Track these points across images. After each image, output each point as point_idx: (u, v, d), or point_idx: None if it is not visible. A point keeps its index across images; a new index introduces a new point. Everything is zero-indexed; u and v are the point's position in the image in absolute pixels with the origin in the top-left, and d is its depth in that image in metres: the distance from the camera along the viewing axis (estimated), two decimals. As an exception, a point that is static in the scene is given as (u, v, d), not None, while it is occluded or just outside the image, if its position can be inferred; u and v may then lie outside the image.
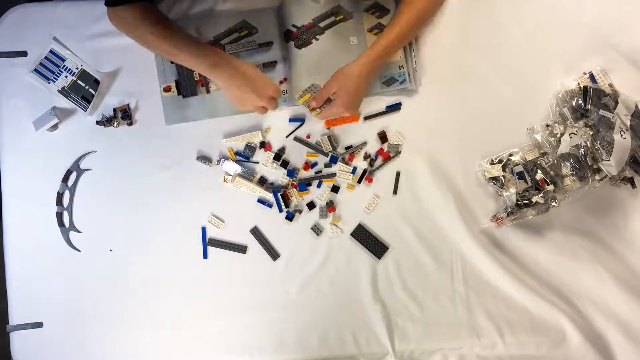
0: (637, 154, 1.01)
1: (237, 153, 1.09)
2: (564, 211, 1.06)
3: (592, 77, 1.06)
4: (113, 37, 1.07)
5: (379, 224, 1.09)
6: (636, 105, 1.02)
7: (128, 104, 1.10)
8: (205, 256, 1.10)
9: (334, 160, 1.08)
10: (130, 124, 1.10)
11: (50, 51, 1.09)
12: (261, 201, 1.09)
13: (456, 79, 1.09)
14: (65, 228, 1.10)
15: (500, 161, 1.07)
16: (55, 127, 1.09)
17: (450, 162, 1.09)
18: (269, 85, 0.98)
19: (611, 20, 1.08)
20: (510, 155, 1.07)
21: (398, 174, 1.08)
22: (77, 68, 1.09)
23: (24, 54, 1.10)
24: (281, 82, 1.09)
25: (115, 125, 1.09)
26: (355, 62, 0.99)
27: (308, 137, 1.09)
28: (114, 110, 1.10)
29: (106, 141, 1.10)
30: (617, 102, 1.01)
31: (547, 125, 1.06)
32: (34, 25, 1.10)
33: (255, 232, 1.09)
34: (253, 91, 0.97)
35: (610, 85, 1.05)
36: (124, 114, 1.09)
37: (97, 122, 1.09)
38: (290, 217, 1.08)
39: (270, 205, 1.09)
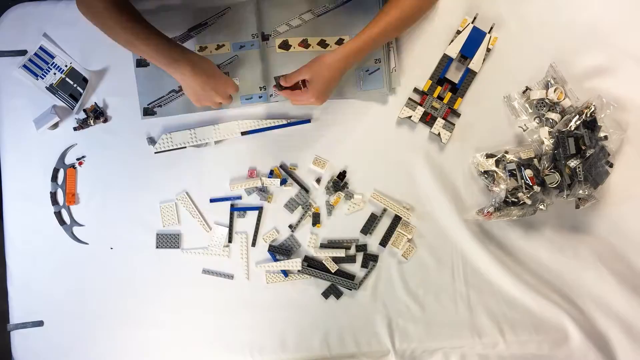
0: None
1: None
2: (564, 210, 1.06)
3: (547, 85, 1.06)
4: (107, 38, 1.06)
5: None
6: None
7: (95, 102, 1.09)
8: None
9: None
10: (105, 120, 1.09)
11: (40, 48, 1.09)
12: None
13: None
14: (68, 225, 1.10)
15: (494, 156, 1.06)
16: (56, 125, 1.09)
17: (451, 161, 1.09)
18: (228, 83, 0.98)
19: (612, 18, 1.08)
20: (506, 152, 1.06)
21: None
22: (66, 66, 1.09)
23: (23, 52, 1.10)
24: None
25: (92, 123, 1.09)
26: (333, 53, 0.97)
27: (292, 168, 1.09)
28: (84, 111, 1.09)
29: (105, 138, 1.10)
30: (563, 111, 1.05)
31: (524, 92, 1.07)
32: (33, 24, 1.10)
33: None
34: (213, 89, 0.96)
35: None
36: (96, 113, 1.09)
37: (75, 129, 1.09)
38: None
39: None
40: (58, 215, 1.10)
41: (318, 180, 1.09)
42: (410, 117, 1.07)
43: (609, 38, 1.08)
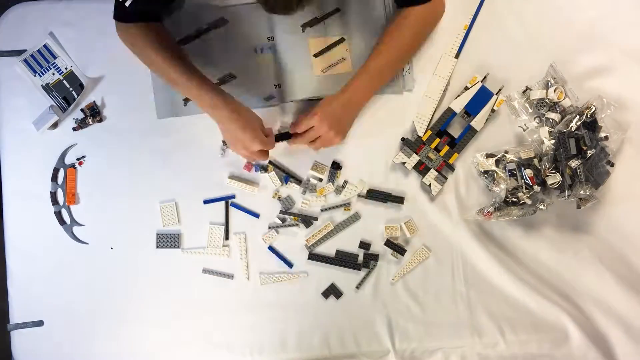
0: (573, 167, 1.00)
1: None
2: (564, 210, 1.06)
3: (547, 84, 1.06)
4: (106, 38, 1.07)
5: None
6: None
7: (94, 101, 1.09)
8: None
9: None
10: (100, 120, 1.09)
11: (44, 46, 1.09)
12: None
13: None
14: (68, 225, 1.10)
15: (494, 156, 1.06)
16: (55, 125, 1.09)
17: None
18: (258, 138, 0.95)
19: (612, 18, 1.08)
20: (506, 152, 1.06)
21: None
22: (66, 68, 1.09)
23: (23, 52, 1.10)
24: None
25: (91, 122, 1.08)
26: (339, 92, 1.00)
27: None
28: (82, 110, 1.09)
29: (105, 138, 1.10)
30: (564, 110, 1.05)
31: (524, 92, 1.07)
32: (33, 24, 1.10)
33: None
34: (242, 139, 0.95)
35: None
36: (92, 112, 1.09)
37: (74, 129, 1.09)
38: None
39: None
40: (58, 215, 1.10)
41: (320, 180, 1.09)
42: (404, 163, 1.07)
43: (609, 38, 1.08)
